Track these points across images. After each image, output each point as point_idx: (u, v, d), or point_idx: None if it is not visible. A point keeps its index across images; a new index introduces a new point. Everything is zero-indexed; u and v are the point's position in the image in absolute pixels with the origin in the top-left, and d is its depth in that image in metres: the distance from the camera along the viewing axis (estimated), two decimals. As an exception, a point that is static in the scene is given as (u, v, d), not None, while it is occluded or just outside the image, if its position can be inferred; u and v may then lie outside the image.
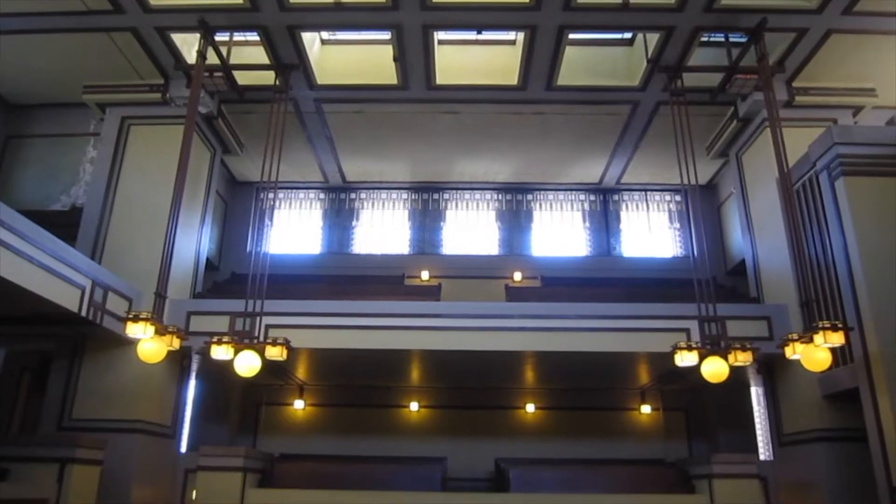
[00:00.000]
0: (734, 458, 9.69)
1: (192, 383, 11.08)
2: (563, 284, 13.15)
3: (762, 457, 10.64)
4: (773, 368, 10.43)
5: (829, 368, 8.22)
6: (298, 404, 12.86)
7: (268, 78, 10.85)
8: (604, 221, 15.18)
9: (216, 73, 10.63)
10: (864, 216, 8.57)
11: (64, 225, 10.01)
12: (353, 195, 15.38)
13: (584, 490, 9.92)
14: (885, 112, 11.09)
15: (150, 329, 7.26)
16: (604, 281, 13.28)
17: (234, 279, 13.24)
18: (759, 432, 11.11)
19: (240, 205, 14.92)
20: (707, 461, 9.61)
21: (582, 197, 15.36)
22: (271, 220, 11.87)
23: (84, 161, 12.46)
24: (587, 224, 15.18)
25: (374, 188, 15.34)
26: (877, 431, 7.89)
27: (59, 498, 7.93)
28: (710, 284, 8.55)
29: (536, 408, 12.98)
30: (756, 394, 11.27)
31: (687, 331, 9.66)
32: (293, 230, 15.15)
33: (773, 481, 10.02)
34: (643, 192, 15.30)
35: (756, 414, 11.27)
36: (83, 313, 8.47)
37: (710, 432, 12.52)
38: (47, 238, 7.78)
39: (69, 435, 8.95)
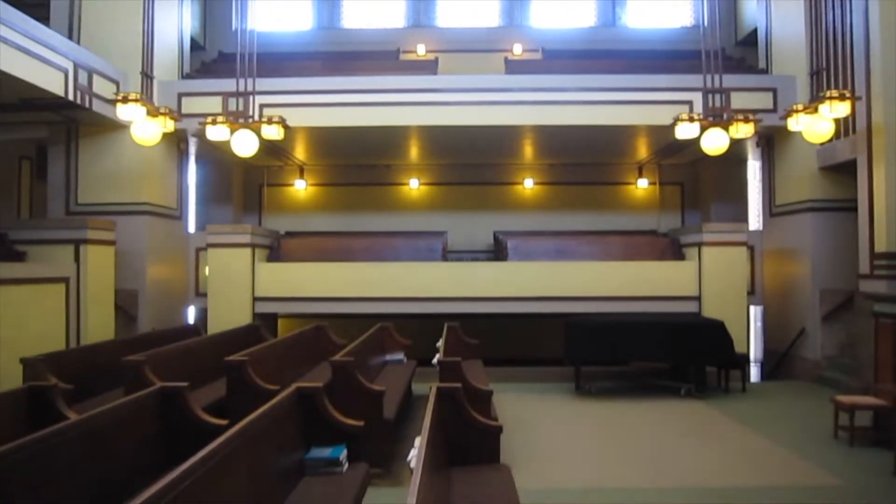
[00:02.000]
0: (724, 227, 10.05)
1: (193, 166, 11.14)
2: (564, 57, 12.62)
3: (752, 227, 11.03)
4: (773, 141, 10.40)
5: (829, 140, 8.21)
6: (300, 184, 13.04)
7: None
8: (610, -13, 14.17)
9: None
10: (892, -25, 7.94)
11: (33, 5, 9.33)
12: (340, -38, 14.21)
13: (579, 258, 10.45)
14: None
15: (142, 110, 7.09)
16: (607, 53, 12.72)
17: (223, 59, 12.68)
18: (751, 204, 11.40)
19: (219, -24, 13.84)
20: (698, 230, 9.97)
21: (588, -41, 14.19)
22: (255, -9, 11.04)
23: (41, -74, 11.29)
24: (592, -10, 14.19)
25: (362, -47, 14.12)
26: (867, 200, 8.07)
27: (78, 275, 8.36)
28: (717, 55, 8.16)
29: (535, 183, 13.18)
30: (752, 167, 11.37)
31: (690, 103, 9.49)
32: (279, 4, 14.21)
33: (759, 249, 10.49)
34: (655, -47, 14.09)
35: (750, 187, 11.47)
36: (70, 97, 8.24)
37: (704, 205, 12.84)
38: (18, 17, 7.30)
39: (79, 217, 9.19)
